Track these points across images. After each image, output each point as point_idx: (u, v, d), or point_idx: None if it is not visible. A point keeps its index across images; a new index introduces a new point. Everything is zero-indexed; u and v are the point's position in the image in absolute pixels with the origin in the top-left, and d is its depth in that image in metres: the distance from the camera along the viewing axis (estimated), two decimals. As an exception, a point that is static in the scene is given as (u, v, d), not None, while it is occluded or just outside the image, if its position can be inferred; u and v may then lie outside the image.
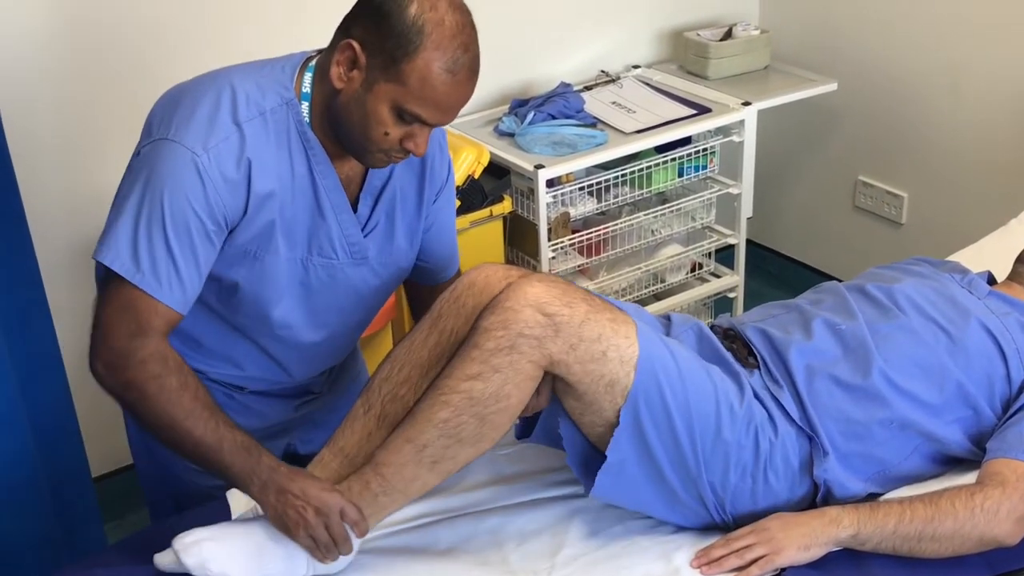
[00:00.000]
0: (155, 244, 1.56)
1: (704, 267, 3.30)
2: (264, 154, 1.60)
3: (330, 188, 1.68)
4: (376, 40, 1.53)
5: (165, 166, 1.55)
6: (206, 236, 1.58)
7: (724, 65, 3.21)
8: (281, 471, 1.56)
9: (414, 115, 1.56)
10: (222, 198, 1.57)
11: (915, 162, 3.24)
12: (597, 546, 1.66)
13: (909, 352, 1.72)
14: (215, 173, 1.56)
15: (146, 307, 1.57)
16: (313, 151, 1.65)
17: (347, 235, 1.72)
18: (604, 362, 1.54)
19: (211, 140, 1.56)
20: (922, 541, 1.58)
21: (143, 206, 1.56)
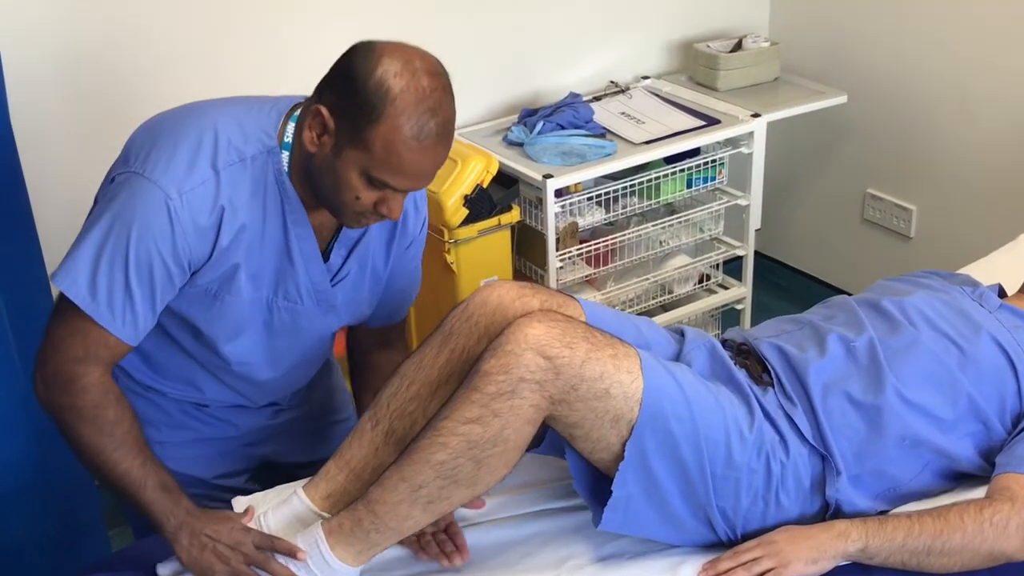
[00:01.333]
0: (114, 278, 1.55)
1: (712, 279, 3.29)
2: (238, 200, 1.59)
3: (302, 237, 1.67)
4: (344, 105, 1.50)
5: (137, 203, 1.54)
6: (167, 278, 1.58)
7: (734, 77, 3.20)
8: (197, 515, 1.57)
9: (382, 182, 1.54)
10: (189, 243, 1.56)
11: (924, 175, 3.23)
12: (603, 557, 1.65)
13: (921, 367, 1.71)
14: (186, 219, 1.54)
15: (96, 337, 1.58)
16: (289, 201, 1.63)
17: (315, 283, 1.72)
18: (607, 399, 1.53)
19: (187, 184, 1.54)
20: (931, 555, 1.57)
21: (108, 239, 1.55)
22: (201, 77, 2.56)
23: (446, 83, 1.54)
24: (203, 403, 1.86)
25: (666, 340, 1.78)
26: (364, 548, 1.55)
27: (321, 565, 1.53)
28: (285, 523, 1.62)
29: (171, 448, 1.82)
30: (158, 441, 1.77)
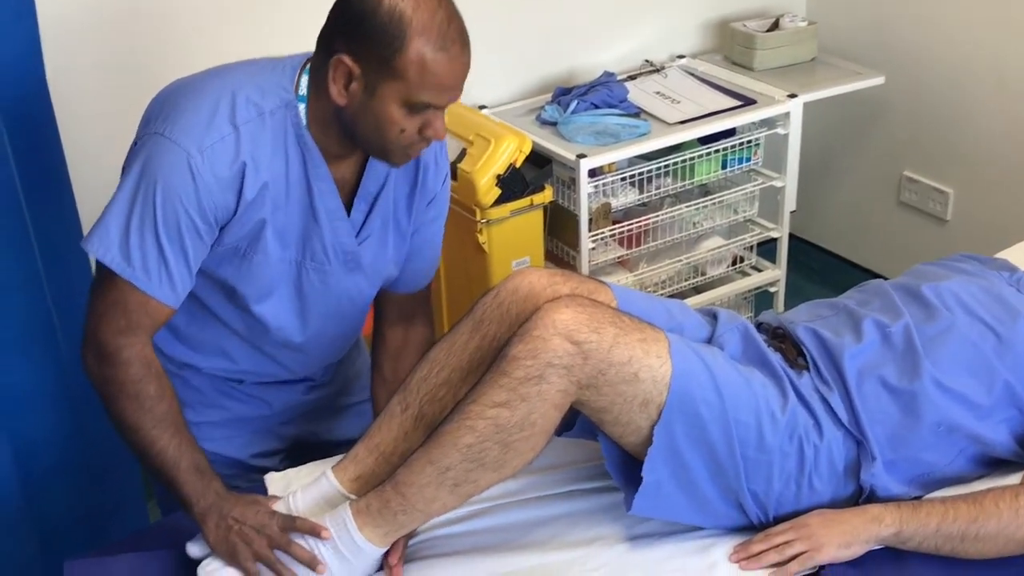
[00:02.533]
0: (146, 240, 1.56)
1: (745, 260, 3.28)
2: (259, 156, 1.60)
3: (325, 192, 1.68)
4: (362, 47, 1.52)
5: (160, 163, 1.56)
6: (197, 235, 1.59)
7: (770, 56, 3.19)
8: (225, 497, 1.58)
9: (423, 104, 1.56)
10: (214, 199, 1.58)
11: (962, 158, 3.21)
12: (633, 537, 1.65)
13: (957, 353, 1.70)
14: (208, 175, 1.56)
15: (135, 303, 1.59)
16: (310, 153, 1.65)
17: (341, 242, 1.73)
18: (636, 383, 1.53)
19: (207, 140, 1.56)
20: (965, 541, 1.56)
21: (135, 201, 1.56)
22: (240, 39, 2.56)
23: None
24: (237, 378, 1.88)
25: (698, 323, 1.77)
26: (392, 529, 1.55)
27: (349, 545, 1.54)
28: (313, 504, 1.63)
29: (206, 428, 1.84)
30: (193, 422, 1.77)
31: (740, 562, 1.58)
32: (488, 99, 3.07)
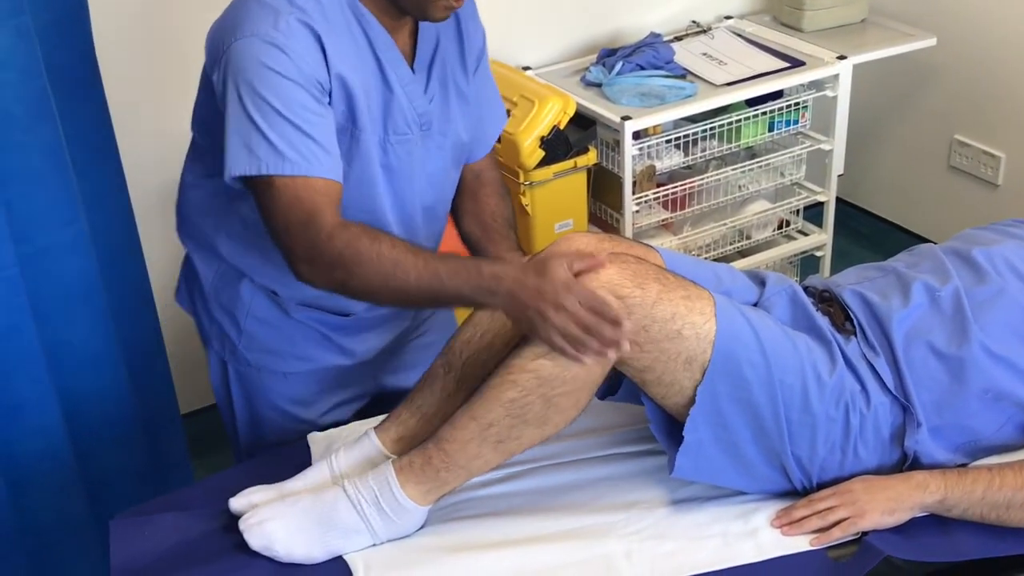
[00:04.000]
0: (283, 131, 1.55)
1: (791, 224, 3.25)
2: (328, 33, 1.60)
3: (393, 60, 1.69)
4: None
5: (248, 62, 1.56)
6: (315, 101, 1.59)
7: (820, 17, 3.14)
8: (505, 275, 1.50)
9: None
10: (310, 67, 1.57)
11: (1014, 122, 3.15)
12: (673, 501, 1.65)
13: (1008, 319, 1.67)
14: (291, 42, 1.56)
15: (306, 193, 1.57)
16: (370, 26, 1.65)
17: (415, 105, 1.73)
18: (680, 340, 1.52)
19: (279, 23, 1.56)
20: (1011, 509, 1.54)
21: (249, 110, 1.56)
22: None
23: None
24: (347, 312, 1.87)
25: (746, 287, 1.76)
26: (434, 487, 1.56)
27: (391, 503, 1.55)
28: (356, 463, 1.64)
29: (294, 380, 1.91)
30: (284, 372, 1.87)
31: (782, 527, 1.58)
32: (532, 60, 3.05)
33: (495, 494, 1.69)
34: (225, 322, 1.88)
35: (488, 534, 1.59)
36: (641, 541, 1.57)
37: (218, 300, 1.88)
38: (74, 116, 1.92)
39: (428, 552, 1.56)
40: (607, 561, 1.54)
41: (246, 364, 1.91)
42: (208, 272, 1.87)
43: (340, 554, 1.55)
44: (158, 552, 1.59)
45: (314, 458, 1.75)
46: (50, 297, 1.93)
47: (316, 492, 1.58)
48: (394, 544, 1.57)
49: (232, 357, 1.92)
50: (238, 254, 1.82)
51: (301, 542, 1.54)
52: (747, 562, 1.53)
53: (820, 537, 1.55)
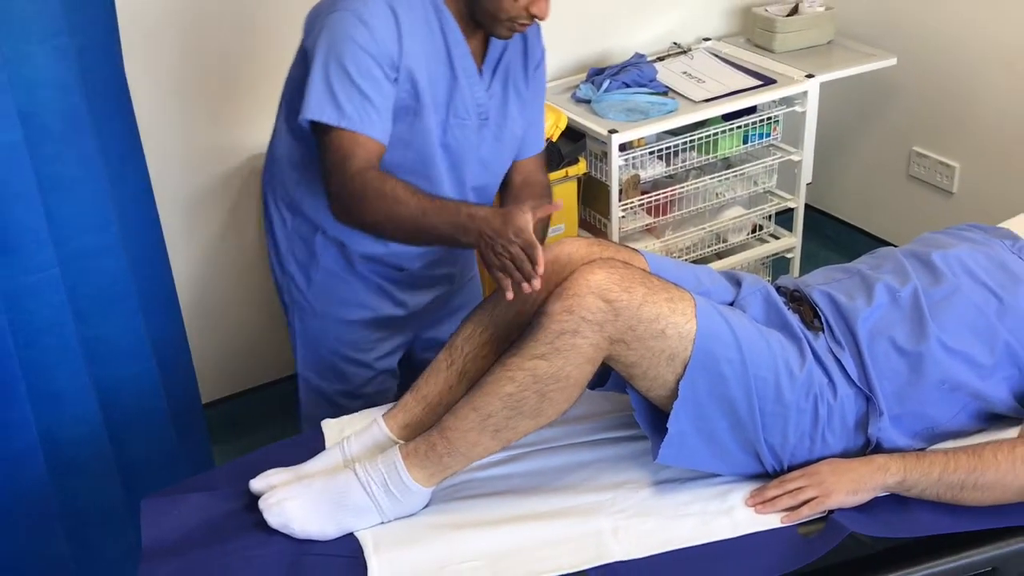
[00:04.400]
0: (350, 92, 1.70)
1: (764, 229, 3.25)
2: (409, 23, 1.75)
3: (462, 55, 1.83)
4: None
5: (337, 32, 1.71)
6: (384, 76, 1.73)
7: (790, 39, 3.14)
8: (478, 214, 1.61)
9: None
10: (385, 47, 1.72)
11: (968, 134, 3.15)
12: (658, 482, 1.66)
13: (962, 316, 1.68)
14: (376, 22, 1.71)
15: (350, 141, 1.72)
16: (447, 23, 1.80)
17: (476, 97, 1.86)
18: (663, 339, 1.53)
19: (364, 4, 1.71)
20: (964, 489, 1.54)
21: (329, 67, 1.71)
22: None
23: None
24: (401, 266, 2.00)
25: (724, 287, 1.76)
26: (437, 471, 1.56)
27: (398, 484, 1.55)
28: (365, 448, 1.65)
29: (355, 327, 2.05)
30: (347, 320, 2.03)
31: (756, 506, 1.58)
32: (527, 79, 3.04)
33: (494, 476, 1.69)
34: (297, 275, 2.01)
35: (487, 512, 1.60)
36: (627, 519, 1.57)
37: (292, 254, 2.01)
38: (106, 130, 1.92)
39: (432, 529, 1.56)
40: (596, 537, 1.54)
41: (312, 313, 2.04)
42: (283, 229, 2.01)
43: (351, 531, 1.56)
44: (185, 529, 1.59)
45: (328, 443, 1.75)
46: (87, 296, 1.93)
47: (329, 474, 1.59)
48: (401, 522, 1.57)
49: (299, 307, 2.05)
50: (315, 207, 1.93)
51: (316, 520, 1.54)
52: (723, 538, 1.54)
53: (790, 515, 1.55)
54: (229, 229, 2.74)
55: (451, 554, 1.51)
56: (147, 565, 1.53)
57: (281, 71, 1.96)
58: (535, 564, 1.49)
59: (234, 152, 2.66)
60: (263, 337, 2.91)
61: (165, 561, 1.53)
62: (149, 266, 2.13)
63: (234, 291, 2.82)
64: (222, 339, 2.86)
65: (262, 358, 2.95)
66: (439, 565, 1.49)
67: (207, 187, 2.67)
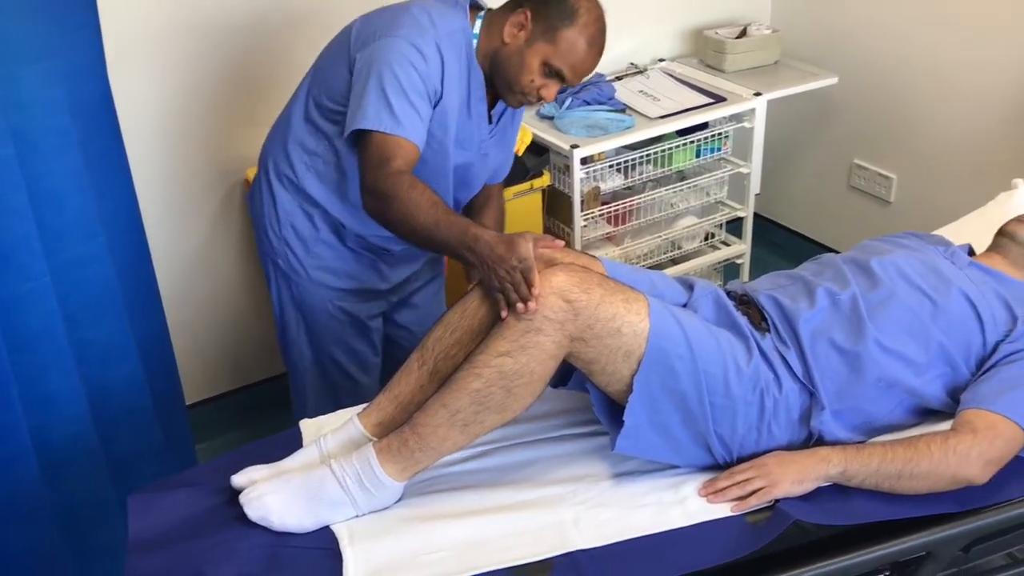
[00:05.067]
0: (403, 104, 1.80)
1: (716, 236, 3.27)
2: (450, 64, 1.86)
3: (478, 104, 1.96)
4: (542, 12, 1.85)
5: (393, 53, 1.81)
6: (428, 99, 1.85)
7: (739, 60, 3.16)
8: (483, 237, 1.65)
9: (556, 70, 1.87)
10: (432, 78, 1.83)
11: (904, 148, 3.19)
12: (616, 474, 1.66)
13: (897, 318, 1.69)
14: (428, 53, 1.82)
15: (394, 143, 1.80)
16: (475, 71, 1.92)
17: (481, 135, 2.01)
18: (620, 336, 1.53)
19: (425, 36, 1.83)
20: (901, 479, 1.55)
21: (384, 83, 1.80)
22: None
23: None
24: (387, 248, 2.11)
25: (677, 291, 1.77)
26: (408, 465, 1.56)
27: (372, 479, 1.55)
28: (341, 445, 1.63)
29: (348, 295, 2.15)
30: (337, 288, 2.13)
31: (707, 496, 1.59)
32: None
33: (463, 471, 1.69)
34: (296, 244, 2.09)
35: (457, 505, 1.60)
36: (587, 509, 1.57)
37: (292, 225, 2.07)
38: (92, 145, 1.90)
39: (404, 521, 1.56)
40: (559, 527, 1.54)
41: (308, 279, 2.12)
42: (285, 202, 2.07)
43: (327, 524, 1.55)
44: (170, 523, 1.58)
45: (305, 441, 1.74)
46: (76, 302, 1.91)
47: (307, 470, 1.58)
48: (375, 515, 1.57)
49: (293, 272, 2.12)
50: (321, 191, 2.02)
51: (294, 514, 1.53)
52: (677, 526, 1.54)
53: (739, 504, 1.56)
54: (212, 238, 2.72)
55: (422, 545, 1.51)
56: (134, 557, 1.52)
57: (261, 86, 1.96)
58: (501, 553, 1.49)
59: (216, 164, 2.64)
60: (244, 341, 2.89)
61: (151, 553, 1.52)
62: (135, 273, 2.11)
63: (216, 297, 2.80)
64: (205, 343, 2.84)
65: (243, 361, 2.93)
66: (411, 555, 1.49)
67: (190, 198, 2.65)
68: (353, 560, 1.48)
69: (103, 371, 2.01)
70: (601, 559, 1.48)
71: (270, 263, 2.15)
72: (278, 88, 2.29)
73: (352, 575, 1.45)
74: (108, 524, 2.08)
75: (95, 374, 1.99)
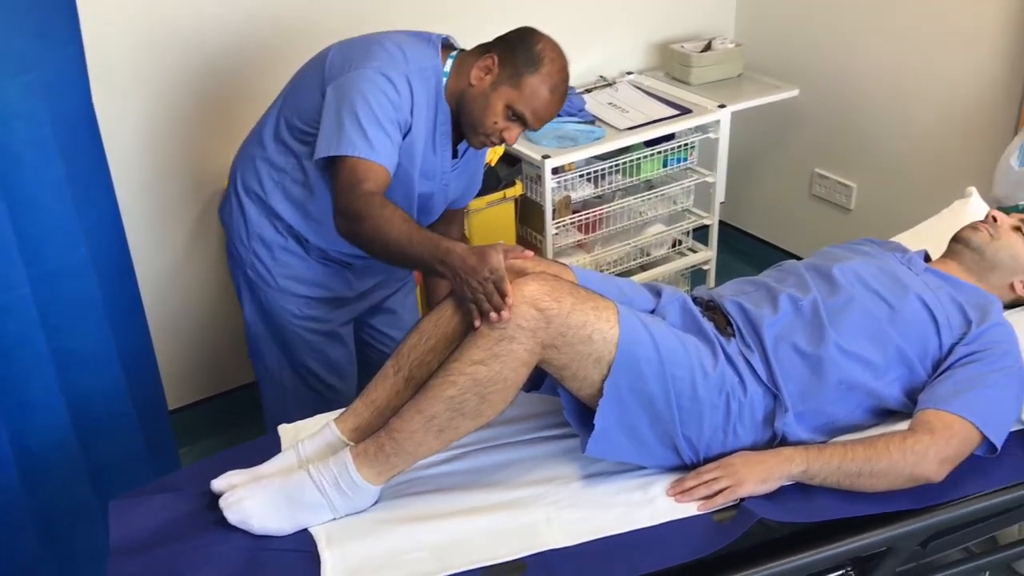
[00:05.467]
0: (377, 131, 1.80)
1: (683, 243, 3.28)
2: (419, 98, 1.87)
3: (444, 135, 1.97)
4: (509, 58, 1.87)
5: (367, 83, 1.82)
6: (399, 126, 1.85)
7: (704, 73, 3.17)
8: (455, 250, 1.64)
9: (519, 114, 1.88)
10: (403, 110, 1.85)
11: (864, 157, 3.21)
12: (585, 476, 1.65)
13: (857, 322, 1.70)
14: (400, 85, 1.84)
15: (367, 167, 1.80)
16: (442, 109, 1.93)
17: (444, 168, 2.02)
18: (590, 343, 1.53)
19: (398, 70, 1.84)
20: (861, 477, 1.56)
21: (358, 112, 1.80)
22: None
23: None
24: (350, 262, 2.11)
25: (645, 298, 1.77)
26: (384, 469, 1.55)
27: (349, 483, 1.53)
28: (319, 450, 1.62)
29: (315, 302, 2.13)
30: (307, 296, 2.11)
31: (675, 496, 1.59)
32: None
33: (438, 473, 1.68)
34: (263, 253, 2.08)
35: (432, 507, 1.59)
36: (559, 510, 1.57)
37: (259, 236, 2.07)
38: (74, 158, 1.88)
39: (380, 523, 1.54)
40: (531, 527, 1.53)
41: (277, 288, 2.10)
42: (254, 215, 2.06)
43: (306, 527, 1.54)
44: (151, 527, 1.56)
45: (283, 446, 1.72)
46: (57, 311, 1.88)
47: (285, 475, 1.56)
48: (352, 517, 1.56)
49: (262, 281, 2.10)
50: (287, 208, 2.03)
51: (272, 517, 1.52)
52: (646, 525, 1.54)
53: (706, 503, 1.56)
54: (191, 247, 2.70)
55: (398, 546, 1.50)
56: (115, 562, 1.50)
57: (237, 102, 1.95)
58: (476, 553, 1.48)
59: (195, 176, 2.62)
60: (225, 347, 2.87)
61: (132, 558, 1.50)
62: (117, 283, 2.09)
63: (197, 304, 2.78)
64: (188, 350, 2.82)
65: (225, 368, 2.91)
66: (387, 556, 1.48)
67: (171, 210, 2.63)
68: (331, 562, 1.47)
69: (84, 379, 1.99)
70: (572, 558, 1.48)
71: (240, 275, 2.14)
72: (254, 103, 2.28)
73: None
74: (89, 529, 2.06)
75: (76, 382, 1.97)
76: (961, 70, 2.85)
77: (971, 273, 1.88)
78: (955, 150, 2.93)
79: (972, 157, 2.88)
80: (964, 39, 2.81)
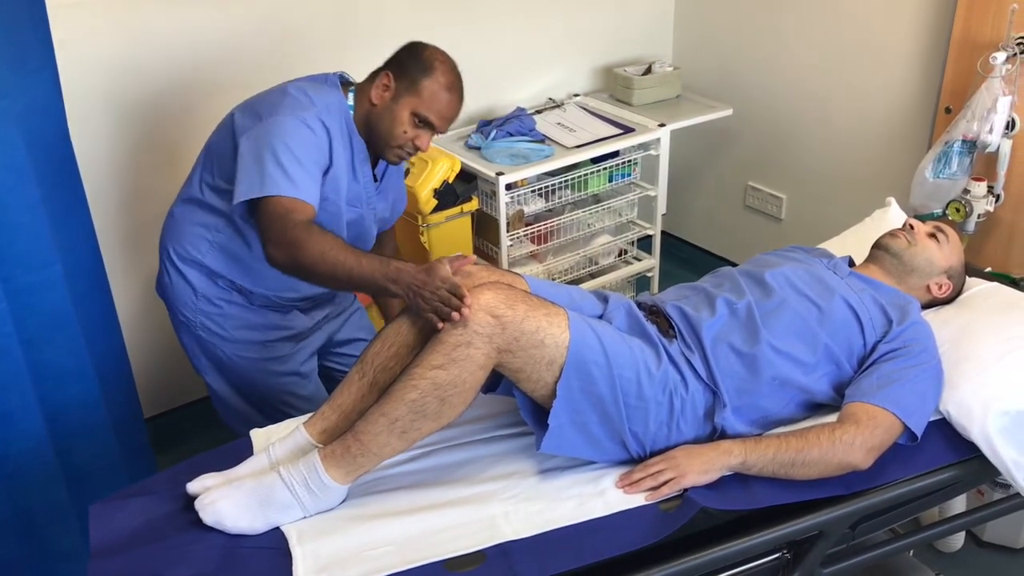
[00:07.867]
0: (298, 169, 1.76)
1: (628, 253, 3.29)
2: (335, 136, 1.84)
3: (363, 166, 1.94)
4: (402, 71, 1.86)
5: (284, 128, 1.77)
6: (318, 162, 1.81)
7: (645, 95, 3.20)
8: (404, 269, 1.63)
9: (425, 118, 1.86)
10: (322, 146, 1.81)
11: (792, 172, 3.25)
12: (543, 470, 1.66)
13: (788, 323, 1.72)
14: (316, 127, 1.80)
15: (292, 202, 1.75)
16: (356, 139, 1.90)
17: (368, 193, 1.98)
18: (543, 348, 1.54)
19: (310, 112, 1.80)
20: (795, 466, 1.58)
21: (278, 154, 1.75)
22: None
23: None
24: (293, 303, 2.06)
25: (593, 303, 1.78)
26: (351, 469, 1.54)
27: (318, 483, 1.52)
28: (289, 452, 1.61)
29: (273, 346, 2.06)
30: (267, 340, 2.04)
31: (624, 487, 1.59)
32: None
33: (402, 472, 1.67)
34: (212, 310, 1.99)
35: (397, 504, 1.58)
36: (516, 503, 1.57)
37: (206, 296, 1.99)
38: (49, 180, 1.85)
39: (349, 520, 1.53)
40: (490, 520, 1.53)
41: (232, 339, 2.02)
42: (197, 277, 1.97)
43: (278, 525, 1.52)
44: (129, 529, 1.53)
45: (255, 449, 1.70)
46: (33, 325, 1.85)
47: (257, 476, 1.55)
48: (321, 516, 1.54)
49: (216, 337, 2.02)
50: (226, 265, 1.96)
51: (245, 517, 1.50)
52: (598, 516, 1.54)
53: (653, 494, 1.56)
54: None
55: (366, 541, 1.49)
56: (95, 563, 1.47)
57: (207, 126, 1.92)
58: (439, 546, 1.47)
59: (169, 197, 2.58)
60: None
61: (111, 559, 1.47)
62: (92, 297, 2.05)
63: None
64: (163, 360, 2.78)
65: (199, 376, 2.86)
66: (355, 551, 1.47)
67: (145, 226, 2.59)
68: (302, 558, 1.45)
69: (60, 389, 1.96)
70: (529, 548, 1.48)
71: (193, 342, 2.04)
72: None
73: (301, 572, 1.43)
74: (66, 532, 2.02)
75: (52, 392, 1.93)
76: (880, 90, 2.90)
77: (891, 276, 1.91)
78: (875, 163, 2.99)
79: (891, 170, 2.94)
80: (882, 62, 2.87)
